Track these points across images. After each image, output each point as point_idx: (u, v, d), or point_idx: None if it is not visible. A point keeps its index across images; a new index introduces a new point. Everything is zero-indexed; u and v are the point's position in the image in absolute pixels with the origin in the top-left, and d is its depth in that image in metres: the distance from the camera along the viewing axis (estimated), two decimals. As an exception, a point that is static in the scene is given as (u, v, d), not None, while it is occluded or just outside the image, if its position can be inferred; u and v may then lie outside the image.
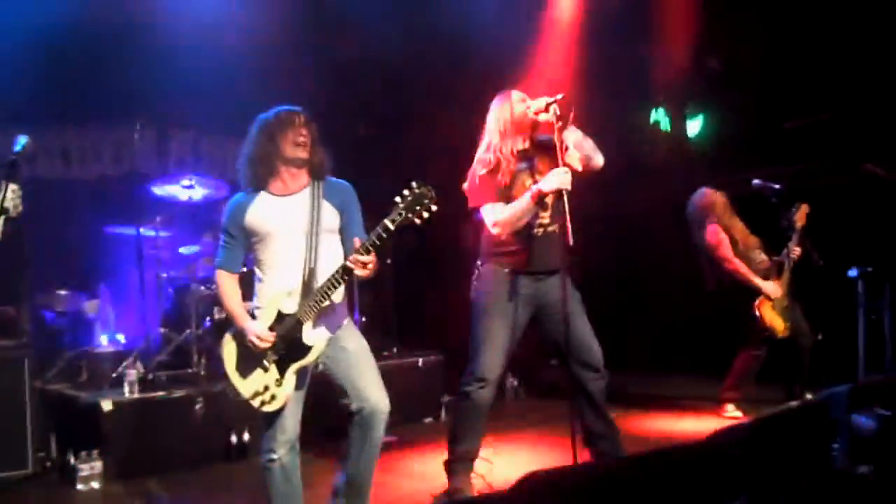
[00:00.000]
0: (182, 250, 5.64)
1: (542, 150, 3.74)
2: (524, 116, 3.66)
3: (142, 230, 5.30)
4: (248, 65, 6.16)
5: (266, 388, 2.91)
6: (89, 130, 6.35)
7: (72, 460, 4.30)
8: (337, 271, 2.83)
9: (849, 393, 3.16)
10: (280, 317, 2.92)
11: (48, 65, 5.50)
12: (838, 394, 3.17)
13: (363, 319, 6.12)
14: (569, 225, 3.37)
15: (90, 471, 4.20)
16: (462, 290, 3.79)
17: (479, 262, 3.82)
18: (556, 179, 3.44)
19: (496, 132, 3.71)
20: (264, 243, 3.00)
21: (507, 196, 3.64)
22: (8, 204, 2.59)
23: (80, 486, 4.16)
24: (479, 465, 3.84)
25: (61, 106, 5.93)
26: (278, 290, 2.94)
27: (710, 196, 5.35)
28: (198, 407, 4.61)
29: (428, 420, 5.63)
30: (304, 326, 2.88)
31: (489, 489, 3.77)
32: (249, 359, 2.94)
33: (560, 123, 3.51)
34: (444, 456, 3.85)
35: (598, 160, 3.68)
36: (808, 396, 5.11)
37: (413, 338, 6.28)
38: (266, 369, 2.92)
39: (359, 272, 2.80)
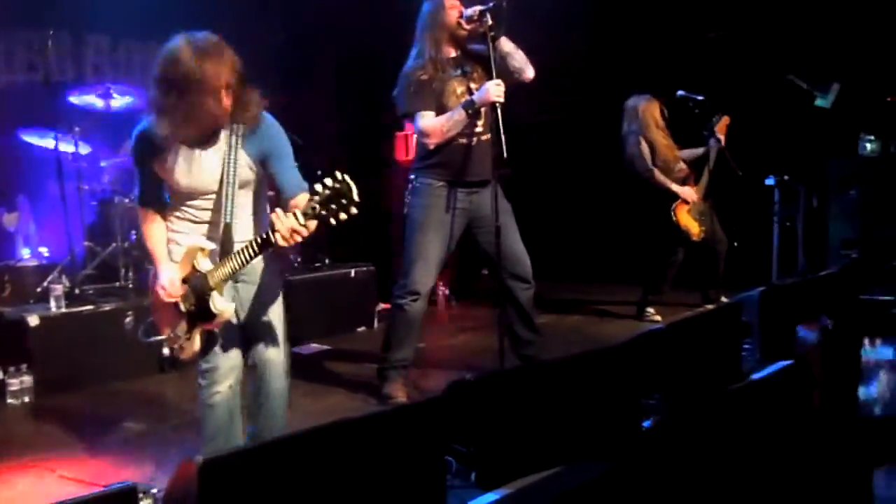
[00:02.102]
0: (103, 163, 5.47)
1: (475, 59, 3.73)
2: (457, 24, 3.62)
3: (60, 141, 5.11)
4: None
5: (178, 337, 2.68)
6: (0, 35, 5.99)
7: (1, 375, 4.25)
8: (252, 241, 2.47)
9: (760, 296, 3.36)
10: (194, 271, 2.61)
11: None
12: (750, 297, 3.36)
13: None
14: (502, 137, 3.41)
15: (20, 385, 4.17)
16: (391, 201, 3.82)
17: (412, 176, 3.83)
18: (490, 92, 3.45)
19: (429, 40, 3.67)
20: (174, 189, 2.67)
21: (439, 104, 3.64)
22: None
23: (10, 401, 4.14)
24: (410, 373, 3.97)
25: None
26: (194, 245, 2.62)
27: (638, 106, 5.42)
28: (128, 320, 4.58)
29: (361, 329, 5.73)
30: (213, 294, 2.56)
31: (420, 395, 3.91)
32: (165, 304, 2.68)
33: (492, 33, 3.50)
34: (377, 364, 3.97)
35: (529, 73, 3.70)
36: (723, 300, 5.38)
37: (345, 249, 6.30)
38: (179, 320, 2.67)
39: (280, 242, 2.35)
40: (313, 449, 1.75)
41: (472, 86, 3.66)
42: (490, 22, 3.48)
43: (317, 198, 2.30)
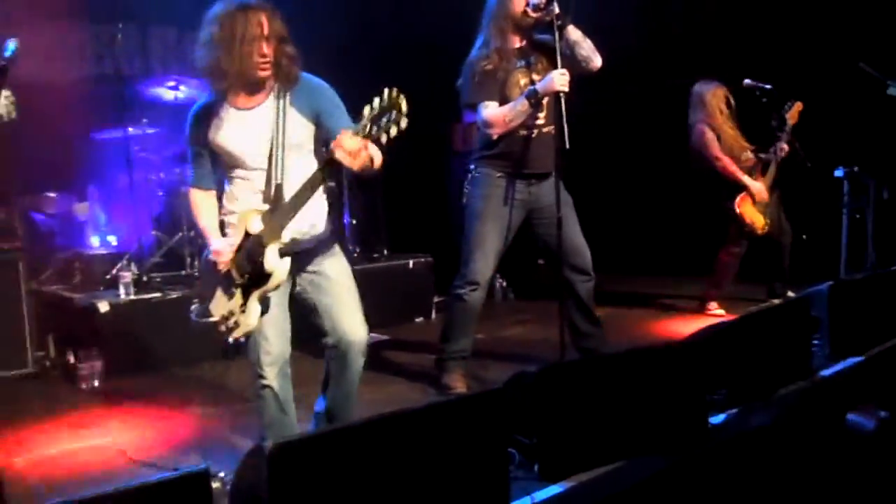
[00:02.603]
0: (171, 153, 5.60)
1: (540, 50, 3.70)
2: (523, 13, 3.59)
3: (129, 131, 5.25)
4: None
5: (231, 314, 2.65)
6: (71, 31, 6.17)
7: (71, 359, 4.40)
8: (309, 178, 2.52)
9: (829, 291, 3.26)
10: (246, 236, 2.61)
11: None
12: (819, 291, 3.27)
13: (353, 222, 6.15)
14: (565, 128, 3.38)
15: (91, 370, 4.31)
16: (451, 193, 3.82)
17: (471, 166, 3.83)
18: (554, 81, 3.42)
19: (494, 29, 3.65)
20: (229, 161, 2.70)
21: (502, 95, 3.63)
22: (1, 111, 2.55)
23: (81, 385, 4.28)
24: (469, 364, 3.97)
25: (41, 5, 5.74)
26: (247, 208, 2.64)
27: (705, 94, 5.30)
28: (193, 307, 4.67)
29: (419, 320, 5.76)
30: (266, 249, 2.54)
31: (480, 386, 3.91)
32: (218, 281, 2.70)
33: (560, 22, 3.46)
34: (436, 354, 3.98)
35: (597, 62, 3.64)
36: (790, 294, 5.24)
37: (404, 239, 6.34)
38: (231, 295, 2.66)
39: (345, 160, 2.36)
40: (378, 437, 1.77)
41: (536, 77, 3.62)
42: (557, 10, 3.44)
43: (366, 116, 2.32)
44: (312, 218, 2.72)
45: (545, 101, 3.58)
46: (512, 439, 2.24)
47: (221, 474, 2.64)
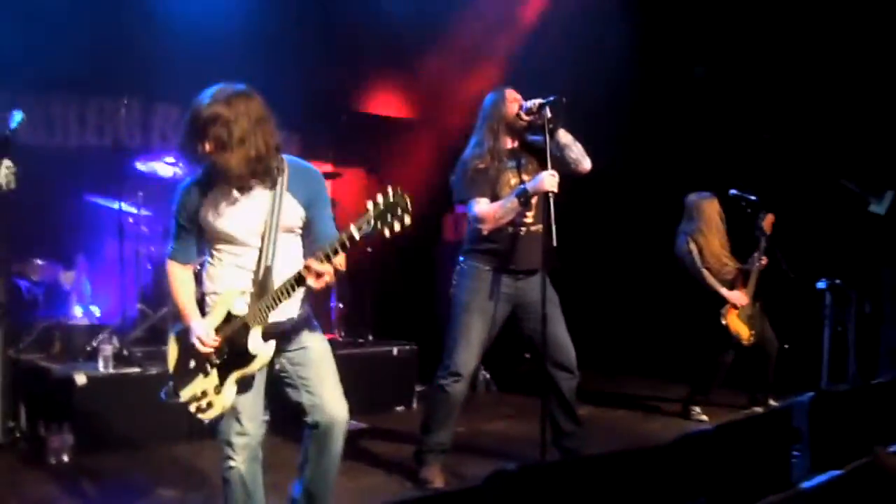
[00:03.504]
0: (163, 228, 5.63)
1: (530, 151, 3.81)
2: (516, 116, 3.72)
3: (123, 205, 5.29)
4: (238, 36, 6.12)
5: (204, 394, 2.63)
6: (74, 100, 6.29)
7: (42, 432, 4.30)
8: (290, 279, 2.52)
9: (811, 402, 3.26)
10: (229, 317, 2.61)
11: (35, 31, 5.44)
12: (801, 402, 3.27)
13: (340, 306, 6.16)
14: (553, 227, 3.45)
15: (61, 443, 4.20)
16: (439, 282, 3.87)
17: (461, 258, 3.88)
18: (544, 182, 3.51)
19: (488, 130, 3.77)
20: (217, 240, 2.69)
21: (493, 193, 3.71)
22: (1, 180, 2.59)
23: (50, 460, 4.17)
24: (448, 458, 3.91)
25: (46, 73, 5.87)
26: (231, 289, 2.64)
27: (700, 204, 5.41)
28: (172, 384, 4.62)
29: (400, 409, 5.69)
30: (250, 332, 2.56)
31: (458, 482, 3.85)
32: (192, 359, 2.68)
33: (551, 126, 3.58)
34: (415, 446, 3.93)
35: (586, 165, 3.76)
36: (772, 403, 5.24)
37: (388, 326, 6.32)
38: (207, 374, 2.63)
39: (311, 283, 2.46)
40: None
41: (525, 178, 3.73)
42: (549, 115, 3.56)
43: (370, 212, 2.38)
44: (293, 303, 2.70)
45: (534, 200, 3.67)
46: (488, 539, 2.19)
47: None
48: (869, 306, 5.72)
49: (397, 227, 2.39)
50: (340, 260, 2.53)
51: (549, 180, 3.50)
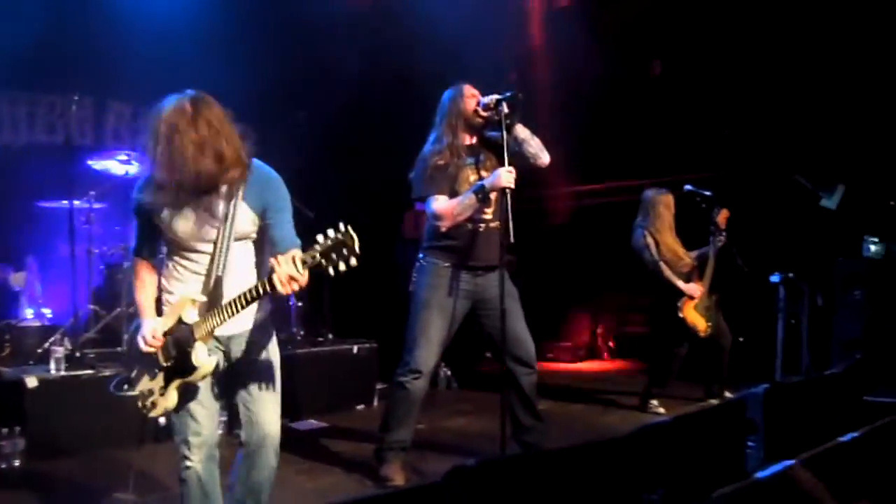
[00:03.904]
0: (117, 227, 5.53)
1: (489, 147, 3.82)
2: (474, 112, 3.72)
3: (75, 203, 5.18)
4: (190, 34, 6.04)
5: (150, 392, 2.62)
6: (23, 98, 6.15)
7: (-8, 436, 4.20)
8: (247, 292, 2.47)
9: (765, 394, 3.32)
10: (179, 323, 2.58)
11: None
12: (755, 394, 3.33)
13: (299, 304, 6.11)
14: (510, 223, 3.46)
15: (11, 448, 4.10)
16: (399, 279, 3.87)
17: (420, 255, 3.87)
18: (501, 178, 3.52)
19: (447, 127, 3.76)
20: (171, 241, 2.66)
21: (452, 189, 3.71)
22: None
23: (1, 464, 4.07)
24: (409, 455, 3.90)
25: (-6, 71, 5.74)
26: (185, 295, 2.60)
27: (655, 200, 5.48)
28: (126, 386, 4.54)
29: (360, 407, 5.66)
30: (195, 344, 2.54)
31: (419, 479, 3.84)
32: (142, 358, 2.65)
33: (508, 121, 3.59)
34: (376, 444, 3.91)
35: (545, 158, 3.78)
36: (727, 395, 5.32)
37: (348, 324, 6.29)
38: (154, 375, 2.62)
39: (283, 290, 2.36)
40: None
41: (484, 174, 3.74)
42: (506, 110, 3.57)
43: (318, 247, 2.33)
44: (247, 313, 2.67)
45: (492, 196, 3.67)
46: (448, 535, 2.19)
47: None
48: (821, 299, 5.83)
49: (342, 266, 2.35)
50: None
51: (505, 176, 3.51)
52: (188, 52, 5.84)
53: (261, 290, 2.44)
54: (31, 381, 4.28)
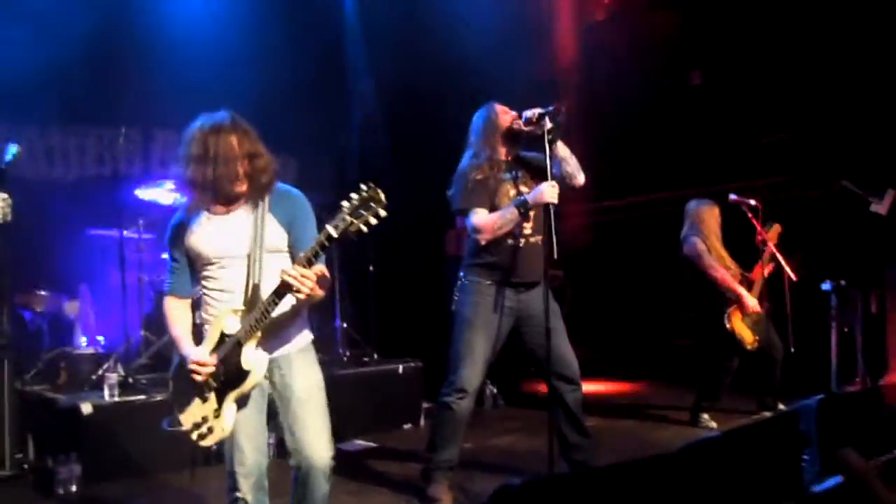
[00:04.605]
0: (164, 255, 5.65)
1: (524, 165, 3.82)
2: (512, 126, 3.72)
3: (125, 233, 5.31)
4: (238, 68, 6.17)
5: (204, 420, 2.64)
6: (73, 131, 6.34)
7: (50, 463, 4.28)
8: (273, 290, 2.54)
9: (818, 405, 3.24)
10: (222, 338, 2.64)
11: (34, 65, 5.49)
12: (808, 406, 3.25)
13: (344, 325, 6.16)
14: (553, 238, 3.44)
15: (68, 474, 4.18)
16: (443, 298, 3.88)
17: (461, 273, 3.86)
18: (544, 193, 3.51)
19: (485, 142, 3.76)
20: (207, 265, 2.72)
21: (492, 203, 3.71)
22: (-2, 213, 2.60)
23: (58, 490, 4.15)
24: (456, 474, 3.89)
25: (45, 106, 5.92)
26: (223, 310, 2.67)
27: (701, 211, 5.41)
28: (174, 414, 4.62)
29: (407, 426, 5.67)
30: (243, 349, 2.58)
31: (465, 499, 3.82)
32: (191, 387, 2.68)
33: (550, 136, 3.58)
34: (422, 464, 3.91)
35: (580, 179, 3.77)
36: (781, 407, 5.21)
37: (393, 344, 6.31)
38: (205, 399, 2.65)
39: (299, 289, 2.46)
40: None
41: (523, 189, 3.72)
42: (549, 125, 3.56)
43: (345, 209, 2.41)
44: (288, 331, 2.74)
45: (532, 211, 3.66)
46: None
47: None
48: (874, 305, 5.69)
49: (373, 220, 2.41)
50: (321, 267, 2.56)
51: (549, 191, 3.50)
52: (228, 77, 5.98)
53: (281, 289, 2.50)
54: (86, 408, 4.38)
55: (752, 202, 5.36)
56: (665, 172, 6.81)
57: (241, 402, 2.65)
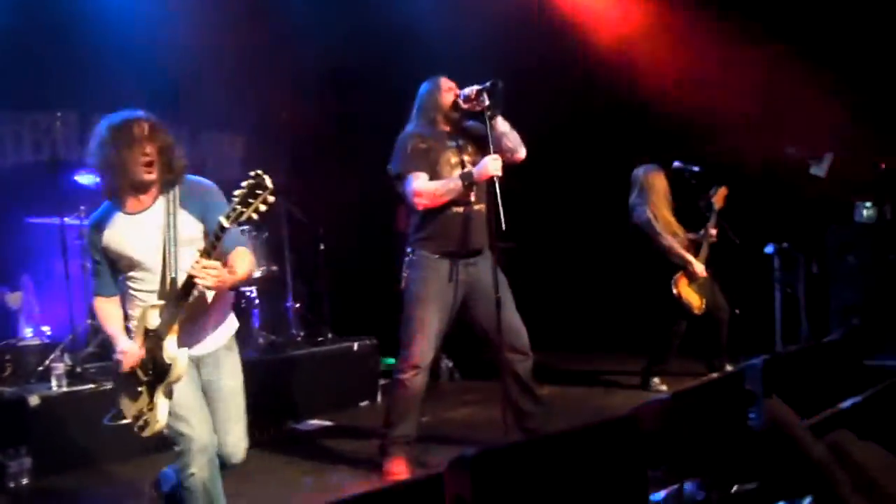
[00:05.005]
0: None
1: (467, 135, 3.82)
2: (453, 105, 3.72)
3: (66, 220, 5.18)
4: (175, 46, 6.02)
5: (140, 414, 2.76)
6: (7, 118, 6.13)
7: (-1, 457, 4.21)
8: (182, 283, 2.66)
9: (763, 364, 3.33)
10: (147, 334, 2.74)
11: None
12: (754, 365, 3.34)
13: (297, 306, 6.11)
14: (500, 210, 3.46)
15: (19, 467, 4.11)
16: (394, 274, 3.88)
17: (408, 249, 3.87)
18: (488, 167, 3.54)
19: (425, 119, 3.77)
20: (125, 264, 2.82)
21: (433, 172, 3.70)
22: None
23: (8, 484, 4.08)
24: (414, 448, 3.92)
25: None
26: (144, 307, 2.76)
27: (647, 177, 5.48)
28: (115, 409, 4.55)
29: (364, 403, 5.67)
30: (164, 342, 2.68)
31: (423, 471, 3.85)
32: (127, 383, 2.81)
33: (489, 112, 3.59)
34: (380, 440, 3.92)
35: (521, 153, 3.80)
36: (728, 368, 5.34)
37: (347, 322, 6.30)
38: (139, 394, 2.76)
39: (202, 282, 2.60)
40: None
41: (466, 158, 3.74)
42: (487, 101, 3.57)
43: (235, 199, 2.51)
44: (208, 317, 2.87)
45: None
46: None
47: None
48: (816, 267, 5.85)
49: (262, 207, 2.52)
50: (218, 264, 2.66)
51: (492, 164, 3.52)
52: (167, 62, 5.84)
53: (188, 283, 2.63)
54: (34, 400, 4.29)
55: (696, 168, 5.45)
56: (608, 140, 6.84)
57: (170, 392, 2.73)
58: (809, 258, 5.85)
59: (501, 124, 3.70)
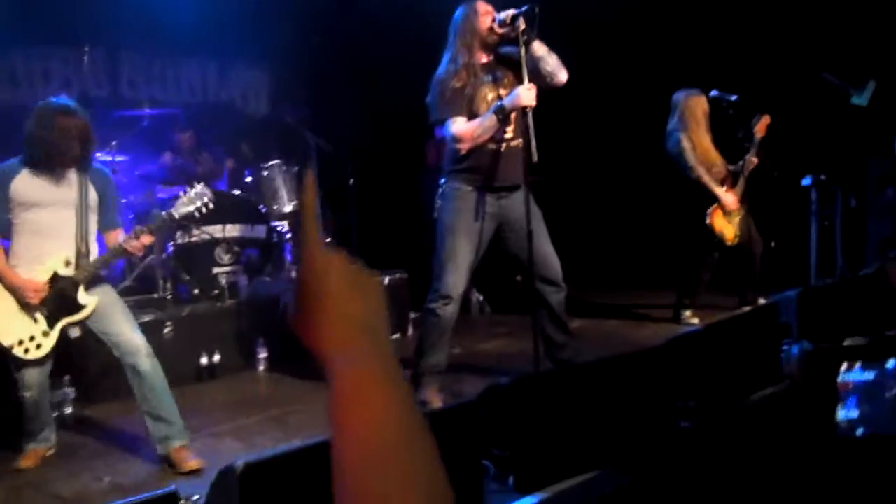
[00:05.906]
0: (139, 173, 5.58)
1: (506, 64, 3.74)
2: (490, 30, 3.63)
3: (98, 156, 5.20)
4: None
5: (32, 338, 3.29)
6: (37, 54, 6.13)
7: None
8: (111, 253, 3.37)
9: (798, 297, 3.30)
10: (55, 277, 3.29)
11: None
12: (788, 298, 3.31)
13: (328, 240, 6.13)
14: (533, 142, 3.41)
15: (62, 397, 4.23)
16: (425, 208, 3.87)
17: (442, 180, 3.85)
18: (521, 97, 3.45)
19: (461, 45, 3.69)
20: (30, 211, 3.28)
21: (470, 110, 3.66)
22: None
23: (53, 413, 4.19)
24: (445, 378, 3.96)
25: (5, 30, 5.71)
26: (56, 255, 3.30)
27: (686, 102, 5.35)
28: (167, 331, 4.64)
29: (395, 336, 5.74)
30: (79, 288, 3.31)
31: (455, 400, 3.90)
32: (14, 310, 3.28)
33: (525, 37, 3.50)
34: (411, 370, 3.97)
35: (562, 76, 3.69)
36: (761, 301, 5.29)
37: (378, 256, 6.32)
38: (35, 320, 3.30)
39: (135, 253, 3.37)
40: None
41: (503, 92, 3.66)
42: (522, 26, 3.48)
43: (184, 198, 3.35)
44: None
45: (513, 115, 3.61)
46: (487, 452, 2.23)
47: (196, 497, 2.61)
48: (854, 200, 5.72)
49: (204, 211, 3.37)
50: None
51: (525, 95, 3.45)
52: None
53: (118, 252, 3.36)
54: (74, 332, 4.36)
55: (734, 97, 5.31)
56: (645, 69, 6.68)
57: (72, 326, 3.40)
58: (847, 191, 5.72)
59: (538, 48, 3.61)
